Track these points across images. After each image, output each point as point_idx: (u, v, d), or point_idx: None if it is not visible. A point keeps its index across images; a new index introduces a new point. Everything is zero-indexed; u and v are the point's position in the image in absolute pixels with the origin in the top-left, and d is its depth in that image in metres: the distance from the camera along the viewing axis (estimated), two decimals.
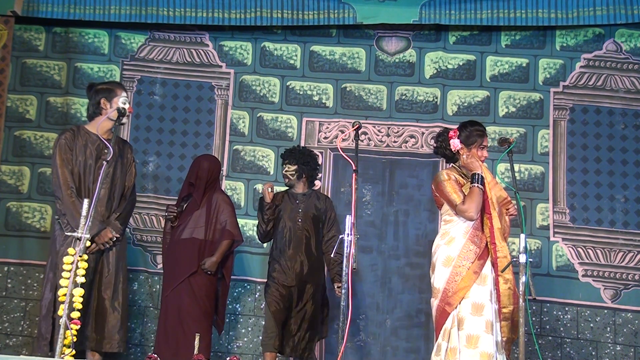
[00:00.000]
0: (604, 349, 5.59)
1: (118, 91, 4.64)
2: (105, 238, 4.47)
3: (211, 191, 5.16)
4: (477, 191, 4.12)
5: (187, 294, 4.94)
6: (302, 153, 5.29)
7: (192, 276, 4.97)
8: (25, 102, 6.13)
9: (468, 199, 4.13)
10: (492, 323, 4.01)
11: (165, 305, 5.00)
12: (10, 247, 5.89)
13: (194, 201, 5.13)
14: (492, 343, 3.97)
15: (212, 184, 5.19)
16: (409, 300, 5.75)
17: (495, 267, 4.11)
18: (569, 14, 5.82)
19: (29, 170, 6.02)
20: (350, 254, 3.68)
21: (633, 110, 5.94)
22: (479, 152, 4.27)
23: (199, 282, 4.98)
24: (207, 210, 5.08)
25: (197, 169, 5.17)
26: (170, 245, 5.12)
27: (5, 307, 5.80)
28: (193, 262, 4.98)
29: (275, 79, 6.17)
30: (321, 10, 5.96)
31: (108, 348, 4.47)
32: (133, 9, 5.98)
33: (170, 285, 4.98)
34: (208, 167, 5.17)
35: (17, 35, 6.13)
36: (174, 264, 5.03)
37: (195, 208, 5.10)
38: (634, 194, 5.82)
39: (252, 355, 5.72)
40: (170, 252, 5.10)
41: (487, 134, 4.38)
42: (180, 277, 4.96)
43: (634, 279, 5.69)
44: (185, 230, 5.06)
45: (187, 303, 4.93)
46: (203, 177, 5.14)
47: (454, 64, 6.09)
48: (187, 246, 5.02)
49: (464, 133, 4.31)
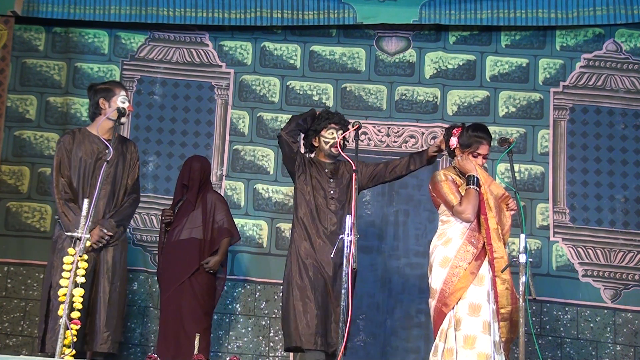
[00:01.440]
0: (604, 349, 5.58)
1: (116, 90, 4.63)
2: (95, 237, 4.40)
3: (204, 191, 5.17)
4: (474, 193, 4.12)
5: (188, 293, 4.94)
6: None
7: (193, 276, 4.97)
8: (25, 102, 6.12)
9: (465, 201, 4.13)
10: (490, 323, 4.01)
11: (166, 306, 4.99)
12: (10, 247, 5.89)
13: (188, 202, 5.13)
14: (489, 344, 3.97)
15: (205, 184, 5.20)
16: (409, 300, 5.75)
17: (492, 267, 4.11)
18: (569, 14, 5.82)
19: (28, 170, 6.02)
20: (350, 254, 3.67)
21: (633, 110, 5.94)
22: (472, 158, 4.24)
23: (200, 281, 4.99)
24: (203, 210, 5.09)
25: (188, 171, 5.17)
26: (167, 247, 5.11)
27: (5, 307, 5.79)
28: (194, 262, 4.98)
29: (275, 78, 6.17)
30: (321, 10, 5.96)
31: (97, 347, 4.42)
32: (133, 9, 5.98)
33: (171, 286, 4.97)
34: (200, 168, 5.19)
35: (17, 35, 6.13)
36: (174, 264, 5.02)
37: (191, 209, 5.10)
38: (634, 194, 5.82)
39: (252, 355, 5.72)
40: (169, 253, 5.09)
41: (489, 143, 4.30)
42: (182, 277, 4.96)
43: (634, 279, 5.69)
44: (183, 231, 5.06)
45: (188, 303, 4.93)
46: (196, 178, 5.15)
47: (454, 64, 6.09)
48: (186, 246, 5.02)
49: (464, 135, 4.31)
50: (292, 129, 4.76)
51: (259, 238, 5.90)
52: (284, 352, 5.67)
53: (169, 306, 4.96)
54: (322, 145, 4.80)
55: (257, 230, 5.90)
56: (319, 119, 4.83)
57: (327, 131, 4.78)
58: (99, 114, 4.61)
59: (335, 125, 4.78)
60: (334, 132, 4.76)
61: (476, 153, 4.26)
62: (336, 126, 4.78)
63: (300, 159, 4.78)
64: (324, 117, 4.81)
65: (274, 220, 5.97)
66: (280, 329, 5.74)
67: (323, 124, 4.79)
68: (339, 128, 4.77)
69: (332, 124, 4.78)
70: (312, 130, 4.83)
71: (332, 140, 4.74)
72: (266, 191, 6.01)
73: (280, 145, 4.81)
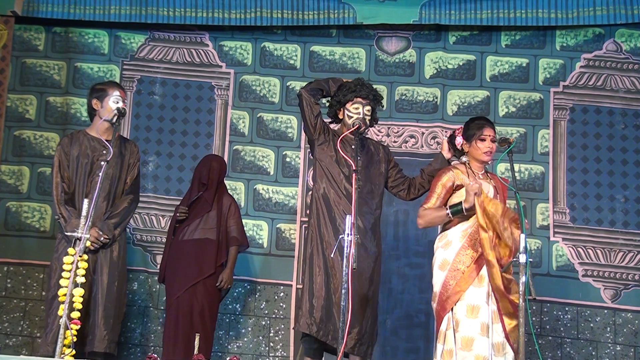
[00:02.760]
0: (604, 349, 5.58)
1: (109, 90, 4.63)
2: (92, 238, 4.36)
3: (220, 192, 5.18)
4: (441, 216, 4.16)
5: (200, 294, 4.94)
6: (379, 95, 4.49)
7: (207, 277, 4.98)
8: (25, 102, 6.12)
9: (427, 213, 4.18)
10: (488, 325, 4.01)
11: (177, 306, 4.93)
12: (10, 247, 5.89)
13: (204, 202, 5.11)
14: (486, 346, 3.96)
15: (221, 184, 5.21)
16: (409, 300, 5.74)
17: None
18: (569, 14, 5.82)
19: (28, 170, 6.02)
20: (350, 254, 3.67)
21: (633, 110, 5.94)
22: (479, 143, 4.26)
23: (212, 282, 5.01)
24: (218, 212, 5.08)
25: (208, 170, 5.17)
26: (177, 244, 5.07)
27: (5, 307, 5.79)
28: (210, 264, 4.99)
29: (275, 79, 6.17)
30: (321, 10, 5.96)
31: (94, 347, 4.41)
32: (133, 9, 5.98)
33: (184, 286, 4.93)
34: (219, 168, 5.21)
35: (17, 35, 6.13)
36: (186, 263, 4.98)
37: (207, 209, 5.09)
38: (634, 194, 5.82)
39: (252, 355, 5.72)
40: (180, 251, 5.04)
41: (492, 128, 4.33)
42: (196, 277, 4.94)
43: (634, 279, 5.69)
44: (196, 230, 5.05)
45: (202, 304, 4.93)
46: (214, 178, 5.16)
47: (454, 64, 6.09)
48: (201, 247, 5.01)
49: (466, 128, 4.37)
50: (313, 87, 4.40)
51: (259, 238, 5.90)
52: (283, 352, 5.68)
53: (181, 306, 4.92)
54: (346, 120, 4.39)
55: (257, 231, 5.90)
56: (346, 89, 4.40)
57: (352, 105, 4.38)
58: (95, 115, 4.64)
59: (362, 100, 4.36)
60: (359, 107, 4.37)
61: (482, 136, 4.27)
62: (363, 101, 4.36)
63: (321, 125, 4.41)
64: (350, 89, 4.38)
65: (274, 220, 5.97)
66: (281, 329, 5.76)
67: (349, 97, 4.37)
68: (366, 103, 4.37)
69: (359, 98, 4.37)
70: (336, 100, 4.44)
71: (356, 115, 4.36)
72: (266, 191, 6.01)
73: (301, 106, 4.41)
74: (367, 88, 4.42)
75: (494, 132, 4.34)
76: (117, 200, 4.63)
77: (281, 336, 5.75)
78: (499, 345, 4.02)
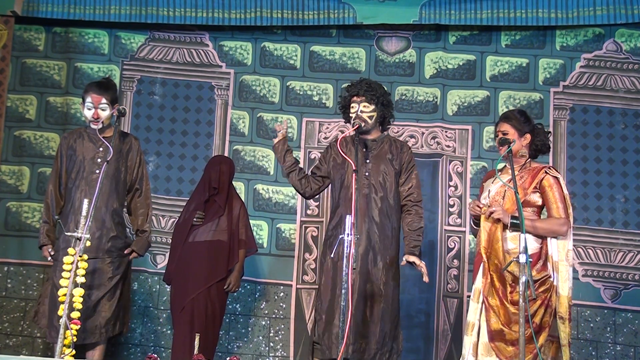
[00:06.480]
0: (604, 349, 5.58)
1: (85, 95, 4.65)
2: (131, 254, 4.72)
3: (230, 196, 5.14)
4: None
5: (215, 296, 4.94)
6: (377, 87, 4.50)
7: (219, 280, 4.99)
8: (25, 102, 6.13)
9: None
10: (474, 324, 4.03)
11: (192, 307, 4.87)
12: (10, 247, 5.89)
13: (217, 206, 5.05)
14: (469, 344, 4.00)
15: (231, 186, 5.19)
16: (409, 300, 5.74)
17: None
18: (569, 14, 5.82)
19: (28, 170, 6.02)
20: (350, 254, 3.67)
21: (633, 110, 5.94)
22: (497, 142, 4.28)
23: (222, 286, 5.01)
24: (229, 216, 5.06)
25: (218, 174, 5.10)
26: (190, 246, 5.01)
27: (5, 307, 5.80)
28: (222, 267, 4.98)
29: (275, 79, 6.17)
30: (321, 10, 5.97)
31: (89, 339, 4.45)
32: (133, 9, 5.98)
33: (199, 287, 4.89)
34: (228, 171, 5.17)
35: (17, 35, 6.13)
36: (199, 265, 4.94)
37: (220, 213, 5.04)
38: (634, 194, 5.82)
39: (252, 355, 5.72)
40: (193, 253, 4.99)
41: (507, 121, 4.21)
42: (212, 279, 4.93)
43: (634, 279, 5.69)
44: (207, 232, 5.02)
45: (217, 305, 4.94)
46: (225, 182, 5.11)
47: (454, 64, 6.09)
48: (214, 248, 4.98)
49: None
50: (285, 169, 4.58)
51: (259, 238, 5.89)
52: (283, 352, 5.68)
53: (196, 307, 4.88)
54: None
55: (257, 231, 5.90)
56: (345, 93, 4.56)
57: (350, 105, 4.50)
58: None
59: (356, 98, 4.44)
60: (355, 106, 4.44)
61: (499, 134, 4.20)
62: (357, 98, 4.44)
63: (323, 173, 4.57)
64: (346, 90, 4.54)
65: (274, 220, 5.97)
66: (281, 329, 5.76)
67: (347, 100, 4.51)
68: (360, 100, 4.43)
69: (353, 96, 4.47)
70: (341, 106, 4.60)
71: (354, 115, 4.42)
72: (266, 191, 6.01)
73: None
74: (358, 85, 4.48)
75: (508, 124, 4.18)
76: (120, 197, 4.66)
77: (281, 336, 5.75)
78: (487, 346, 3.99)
